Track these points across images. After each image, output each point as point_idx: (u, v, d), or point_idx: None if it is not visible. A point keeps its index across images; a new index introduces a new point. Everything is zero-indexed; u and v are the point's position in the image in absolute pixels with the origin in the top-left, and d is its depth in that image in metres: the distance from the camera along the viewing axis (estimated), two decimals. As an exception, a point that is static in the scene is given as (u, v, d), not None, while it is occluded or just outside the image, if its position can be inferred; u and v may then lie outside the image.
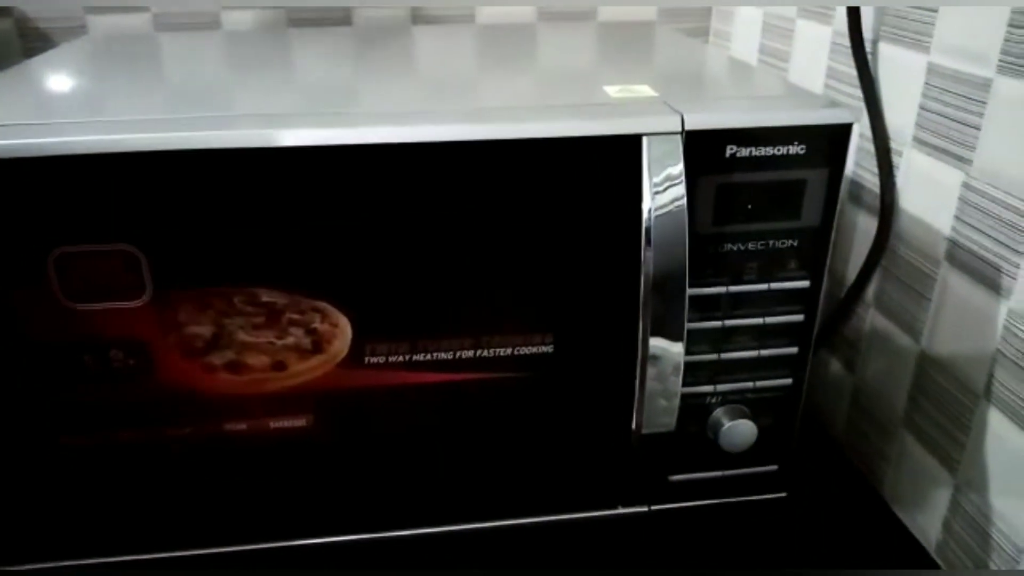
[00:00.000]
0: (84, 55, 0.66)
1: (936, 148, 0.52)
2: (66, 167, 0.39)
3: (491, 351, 0.46)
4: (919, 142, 0.53)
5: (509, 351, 0.46)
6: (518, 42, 0.70)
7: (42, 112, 0.45)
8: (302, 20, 0.83)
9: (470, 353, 0.46)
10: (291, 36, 0.74)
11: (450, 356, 0.46)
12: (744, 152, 0.43)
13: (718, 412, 0.50)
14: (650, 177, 0.42)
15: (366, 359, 0.45)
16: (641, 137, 0.42)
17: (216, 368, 0.45)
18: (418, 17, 0.84)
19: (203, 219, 0.41)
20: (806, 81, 0.68)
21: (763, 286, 0.47)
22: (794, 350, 0.49)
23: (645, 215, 0.42)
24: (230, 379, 0.45)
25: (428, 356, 0.46)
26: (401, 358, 0.46)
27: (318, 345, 0.45)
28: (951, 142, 0.50)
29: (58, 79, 0.57)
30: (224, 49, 0.68)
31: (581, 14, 0.86)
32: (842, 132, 0.44)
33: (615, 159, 0.42)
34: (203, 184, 0.40)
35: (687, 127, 0.42)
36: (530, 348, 0.46)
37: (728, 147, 0.43)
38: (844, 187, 0.62)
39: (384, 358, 0.45)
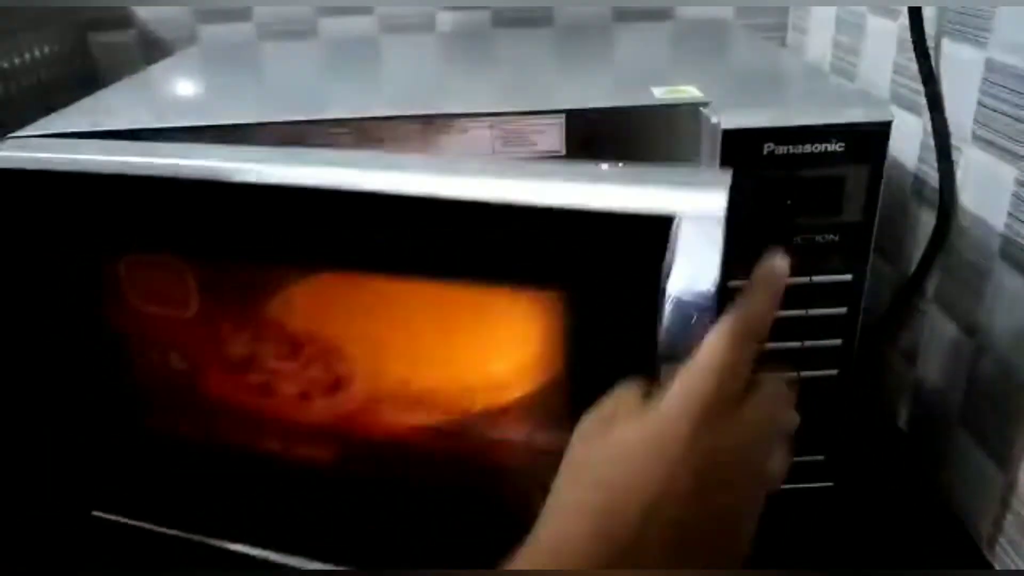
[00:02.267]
0: (195, 63, 0.74)
1: (992, 144, 0.52)
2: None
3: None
4: (977, 138, 0.53)
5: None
6: (592, 41, 0.73)
7: (157, 116, 0.51)
8: (392, 27, 0.88)
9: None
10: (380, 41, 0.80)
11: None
12: (781, 150, 0.45)
13: (763, 400, 0.52)
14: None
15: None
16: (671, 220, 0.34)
17: (249, 387, 0.48)
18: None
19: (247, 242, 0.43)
20: (874, 77, 0.68)
21: (804, 279, 0.49)
22: (838, 342, 0.51)
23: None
24: (259, 399, 0.48)
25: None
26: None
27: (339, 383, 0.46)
28: (1007, 138, 0.50)
29: (172, 85, 0.64)
30: (319, 55, 0.74)
31: (660, 12, 0.88)
32: (881, 130, 0.45)
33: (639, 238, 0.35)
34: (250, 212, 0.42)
35: (724, 126, 0.44)
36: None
37: (765, 145, 0.45)
38: (907, 183, 0.62)
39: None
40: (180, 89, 0.65)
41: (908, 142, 0.62)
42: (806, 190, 0.46)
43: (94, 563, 0.54)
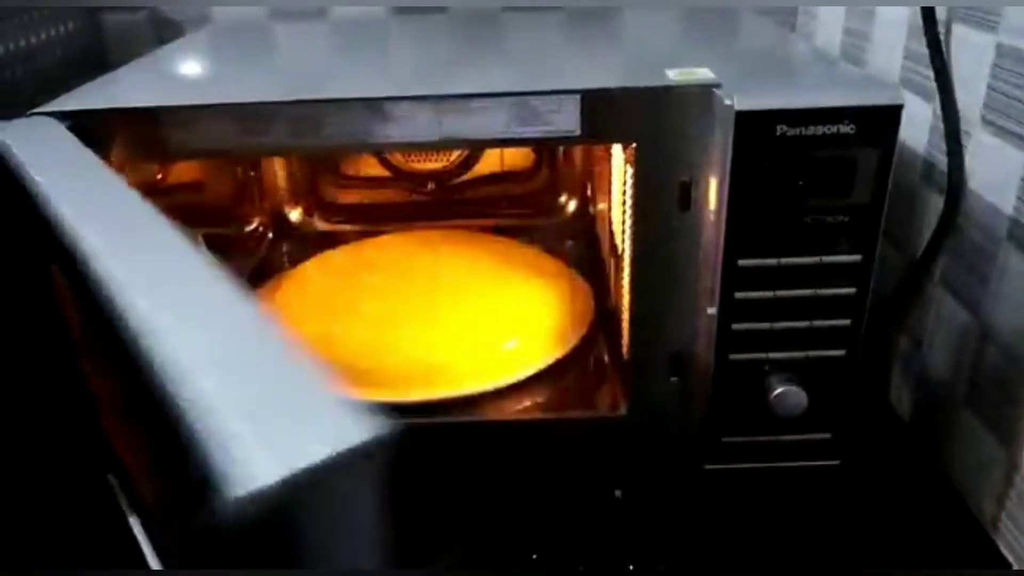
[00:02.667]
0: (207, 44, 0.74)
1: (1002, 129, 0.52)
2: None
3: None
4: (987, 122, 0.54)
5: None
6: (602, 26, 0.73)
7: (169, 96, 0.51)
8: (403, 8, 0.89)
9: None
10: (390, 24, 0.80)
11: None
12: (793, 131, 0.46)
13: (771, 379, 0.53)
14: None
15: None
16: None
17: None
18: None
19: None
20: (884, 62, 0.68)
21: (814, 259, 0.49)
22: (846, 322, 0.51)
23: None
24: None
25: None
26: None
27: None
28: (1016, 123, 0.51)
29: (184, 66, 0.65)
30: (331, 37, 0.75)
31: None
32: (891, 113, 0.45)
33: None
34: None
35: (738, 107, 0.45)
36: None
37: (778, 126, 0.45)
38: (916, 167, 0.63)
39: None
40: (193, 69, 0.65)
41: (917, 126, 0.62)
42: (817, 171, 0.47)
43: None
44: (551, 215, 0.91)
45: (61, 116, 0.48)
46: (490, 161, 0.89)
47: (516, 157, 0.89)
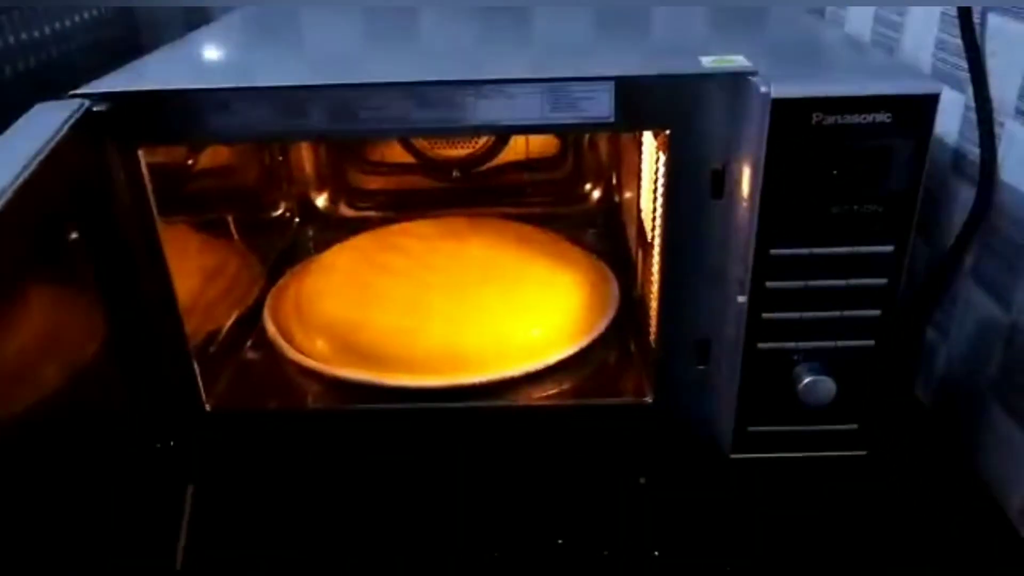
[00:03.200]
0: (238, 28, 0.74)
1: (1037, 120, 0.52)
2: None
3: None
4: (1020, 113, 0.53)
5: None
6: (630, 13, 0.73)
7: (204, 80, 0.52)
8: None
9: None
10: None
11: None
12: (830, 120, 0.45)
13: (799, 368, 0.53)
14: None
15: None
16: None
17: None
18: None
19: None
20: (916, 51, 0.68)
21: (847, 249, 0.49)
22: (876, 312, 0.51)
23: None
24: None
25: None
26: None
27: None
28: (1052, 114, 0.50)
29: (217, 50, 0.65)
30: (360, 21, 0.75)
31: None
32: (928, 102, 0.45)
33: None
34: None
35: (774, 95, 0.45)
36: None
37: (814, 114, 0.45)
38: (947, 158, 0.63)
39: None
40: (226, 53, 0.66)
41: (949, 117, 0.62)
42: (852, 160, 0.47)
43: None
44: (575, 203, 0.91)
45: (98, 98, 0.49)
46: (515, 148, 0.89)
47: (541, 145, 0.89)
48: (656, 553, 0.53)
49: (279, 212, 0.86)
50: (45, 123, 0.45)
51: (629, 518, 0.56)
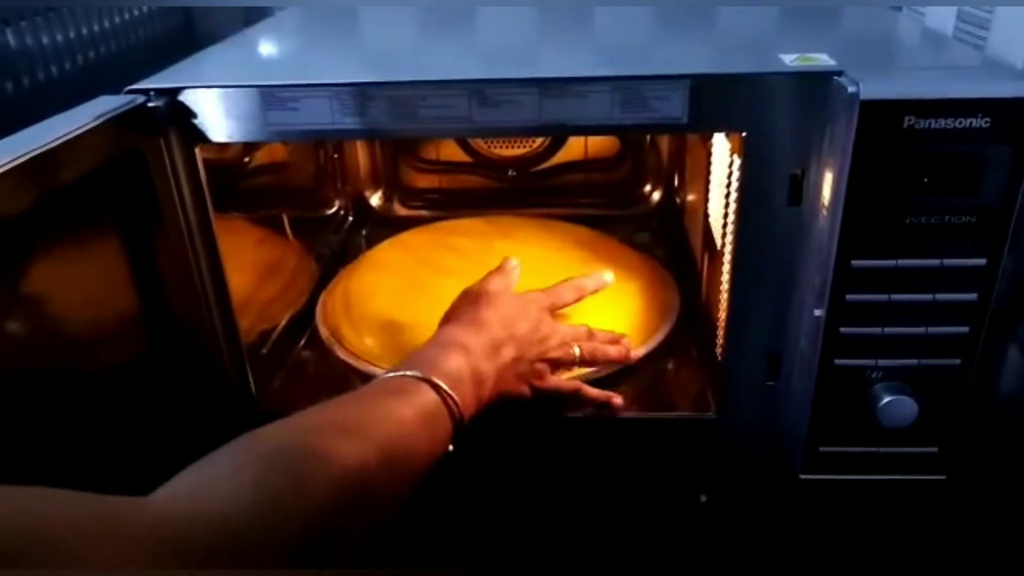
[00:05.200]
0: (295, 24, 0.73)
1: None
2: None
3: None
4: None
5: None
6: (695, 6, 0.70)
7: (263, 76, 0.50)
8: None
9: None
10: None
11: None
12: (923, 124, 0.42)
13: (879, 387, 0.50)
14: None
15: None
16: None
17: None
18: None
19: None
20: (1006, 53, 0.64)
21: (935, 262, 0.46)
22: (965, 330, 0.48)
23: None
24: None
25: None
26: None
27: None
28: None
29: (275, 46, 0.64)
30: (417, 17, 0.73)
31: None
32: (1031, 106, 0.42)
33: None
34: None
35: (863, 96, 0.42)
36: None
37: (906, 118, 0.42)
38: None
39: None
40: (284, 49, 0.65)
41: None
42: (945, 167, 0.44)
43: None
44: (632, 204, 0.89)
45: (156, 94, 0.48)
46: (573, 148, 0.87)
47: (600, 144, 0.87)
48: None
49: (333, 210, 0.85)
50: (95, 112, 0.45)
51: (686, 536, 0.54)
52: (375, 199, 0.90)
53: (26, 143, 0.40)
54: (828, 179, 0.45)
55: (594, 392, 0.58)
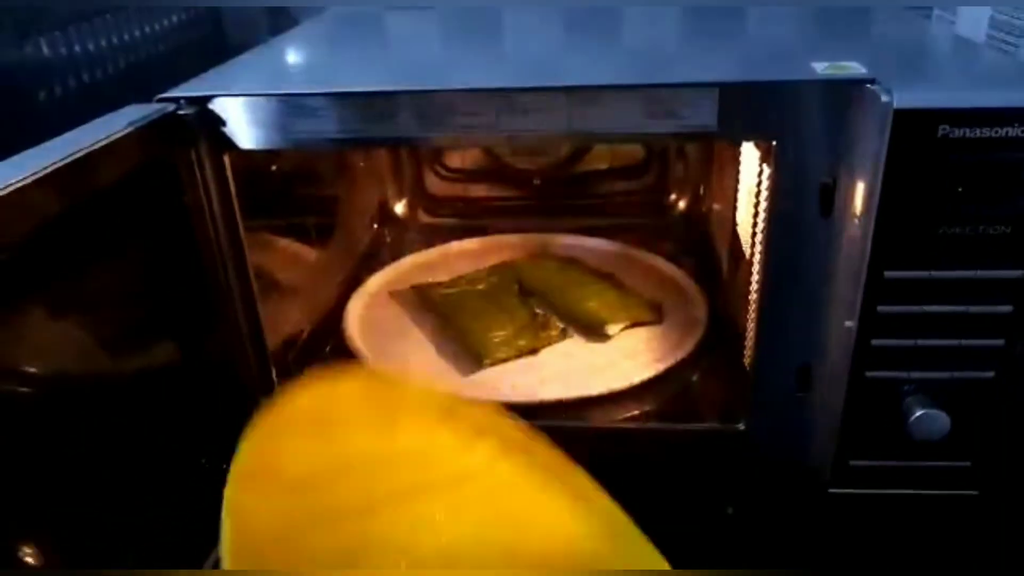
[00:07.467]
0: (324, 32, 0.74)
1: None
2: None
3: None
4: None
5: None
6: (723, 14, 0.70)
7: (292, 84, 0.51)
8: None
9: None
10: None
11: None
12: (957, 133, 0.42)
13: (910, 400, 0.49)
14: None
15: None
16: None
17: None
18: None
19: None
20: (1040, 59, 0.63)
21: (969, 273, 0.45)
22: (999, 342, 0.47)
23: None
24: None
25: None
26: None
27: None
28: None
29: (304, 54, 0.64)
30: (443, 25, 0.74)
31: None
32: (1070, 114, 0.41)
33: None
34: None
35: (896, 105, 0.41)
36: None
37: (940, 127, 0.42)
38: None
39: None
40: (313, 57, 0.65)
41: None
42: (980, 177, 0.43)
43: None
44: (658, 213, 0.88)
45: (187, 102, 0.48)
46: (598, 156, 0.86)
47: (626, 152, 0.86)
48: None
49: (358, 218, 0.86)
50: (126, 120, 0.45)
51: (713, 549, 0.53)
52: (400, 207, 0.90)
53: (59, 150, 0.40)
54: (860, 189, 0.45)
55: None
